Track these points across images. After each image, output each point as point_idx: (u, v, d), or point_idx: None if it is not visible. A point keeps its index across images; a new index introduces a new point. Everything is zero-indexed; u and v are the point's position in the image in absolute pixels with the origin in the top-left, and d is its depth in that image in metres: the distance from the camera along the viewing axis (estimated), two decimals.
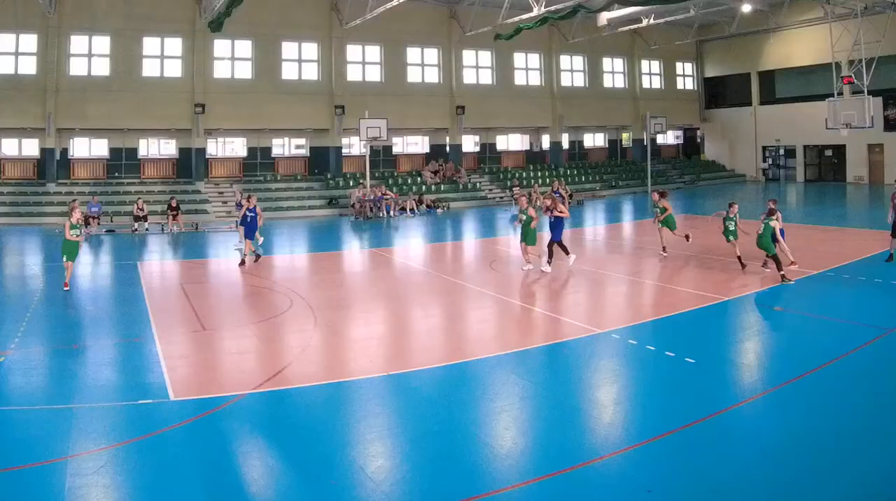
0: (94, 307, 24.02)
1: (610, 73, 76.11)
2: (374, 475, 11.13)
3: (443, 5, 65.33)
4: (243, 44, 58.92)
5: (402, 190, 60.79)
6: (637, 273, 28.25)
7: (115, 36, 54.65)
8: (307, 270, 32.53)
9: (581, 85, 73.91)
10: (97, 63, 54.93)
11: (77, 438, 12.44)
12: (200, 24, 55.34)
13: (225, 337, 19.84)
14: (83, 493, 10.49)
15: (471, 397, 14.69)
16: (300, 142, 64.78)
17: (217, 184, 59.07)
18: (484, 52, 67.97)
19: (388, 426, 13.31)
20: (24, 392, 15.18)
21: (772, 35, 72.22)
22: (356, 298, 25.12)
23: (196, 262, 34.31)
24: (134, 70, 55.55)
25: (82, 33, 54.13)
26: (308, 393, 15.05)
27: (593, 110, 73.36)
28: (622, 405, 14.40)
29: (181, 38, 56.76)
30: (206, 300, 25.24)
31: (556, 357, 17.74)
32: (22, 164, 55.76)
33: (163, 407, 13.97)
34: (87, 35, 54.32)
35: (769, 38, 72.89)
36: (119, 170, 58.20)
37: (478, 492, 10.47)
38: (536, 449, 12.31)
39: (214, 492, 10.72)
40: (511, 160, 72.87)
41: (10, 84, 51.81)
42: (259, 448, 12.54)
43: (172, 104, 55.91)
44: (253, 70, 59.35)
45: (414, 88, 65.19)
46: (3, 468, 11.20)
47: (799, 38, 70.67)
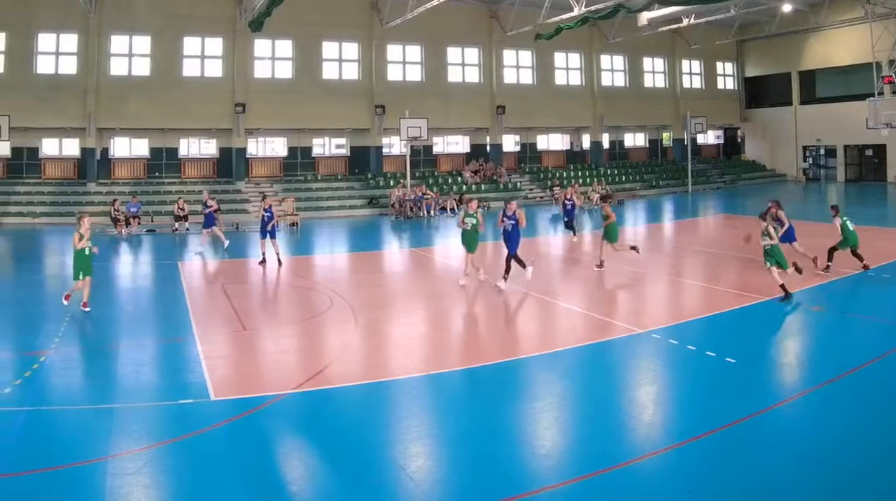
0: (135, 307, 23.53)
1: (650, 72, 72.93)
2: (414, 474, 10.92)
3: (483, 5, 62.64)
4: (284, 43, 56.89)
5: (442, 189, 58.50)
6: (677, 272, 27.51)
7: (155, 36, 52.96)
8: (347, 270, 31.56)
9: (622, 84, 70.96)
10: (138, 63, 53.22)
11: (117, 438, 12.17)
12: (241, 23, 53.18)
13: (265, 336, 19.39)
14: (124, 493, 10.25)
15: (511, 397, 14.28)
16: (340, 141, 62.22)
17: (258, 183, 56.49)
18: (524, 52, 65.17)
19: (428, 426, 13.06)
20: (65, 391, 14.97)
21: (812, 35, 69.19)
22: (396, 298, 24.42)
23: (236, 262, 32.99)
24: (174, 70, 53.87)
25: (123, 33, 52.43)
26: (348, 392, 14.75)
27: (634, 110, 70.11)
28: (662, 405, 14.13)
29: (221, 38, 54.98)
30: (247, 300, 24.65)
31: (596, 356, 17.26)
32: (62, 164, 53.79)
33: (203, 406, 13.70)
34: (128, 35, 52.60)
35: (809, 37, 69.78)
36: (159, 170, 56.10)
37: (517, 492, 10.19)
38: (576, 449, 12.06)
39: (255, 492, 10.41)
40: (551, 160, 69.77)
41: (50, 84, 50.23)
42: (299, 448, 12.32)
43: (213, 104, 53.99)
44: (293, 70, 57.33)
45: (454, 88, 62.60)
46: (44, 468, 10.94)
47: (839, 37, 67.20)
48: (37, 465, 11.11)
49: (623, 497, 10.16)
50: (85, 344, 18.67)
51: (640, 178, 68.19)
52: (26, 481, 10.67)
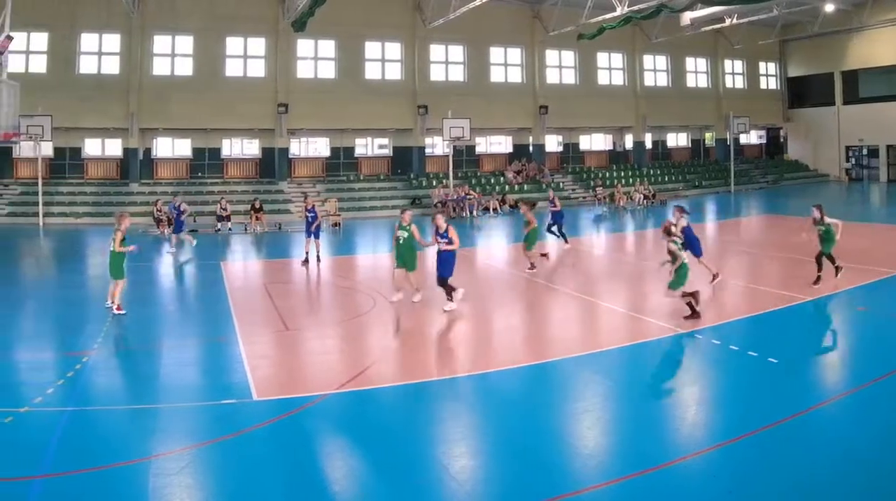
0: (177, 307, 23.35)
1: (693, 72, 70.24)
2: (457, 475, 10.60)
3: (526, 5, 60.46)
4: (326, 43, 55.24)
5: (485, 189, 56.75)
6: (720, 272, 25.03)
7: (198, 36, 51.76)
8: (390, 270, 28.01)
9: (664, 84, 68.26)
10: (180, 63, 52.01)
11: (160, 438, 11.86)
12: (283, 23, 51.76)
13: (308, 336, 18.81)
14: (166, 493, 9.94)
15: (553, 397, 13.88)
16: (383, 141, 60.36)
17: (300, 184, 55.03)
18: (567, 52, 62.66)
19: (471, 426, 12.76)
20: (107, 392, 14.58)
21: (855, 34, 66.50)
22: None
23: (279, 262, 32.29)
24: (217, 70, 52.53)
25: (165, 33, 51.21)
26: (391, 393, 14.35)
27: (676, 110, 67.52)
28: (704, 405, 13.66)
29: (264, 38, 53.48)
30: (289, 300, 23.78)
31: (639, 357, 16.65)
32: (105, 164, 52.70)
33: (246, 407, 13.30)
34: (171, 35, 51.38)
35: (852, 37, 67.07)
36: (202, 170, 54.74)
37: (560, 492, 9.86)
38: (619, 450, 11.63)
39: (297, 493, 10.09)
40: (594, 160, 67.45)
41: (93, 84, 49.14)
42: (342, 448, 11.98)
43: (255, 104, 52.51)
44: (336, 70, 55.64)
45: (497, 88, 60.35)
46: (87, 468, 10.58)
47: (882, 37, 64.60)
48: (80, 465, 10.72)
49: (665, 498, 9.84)
50: (127, 344, 18.23)
51: (682, 178, 65.85)
52: (70, 481, 10.28)
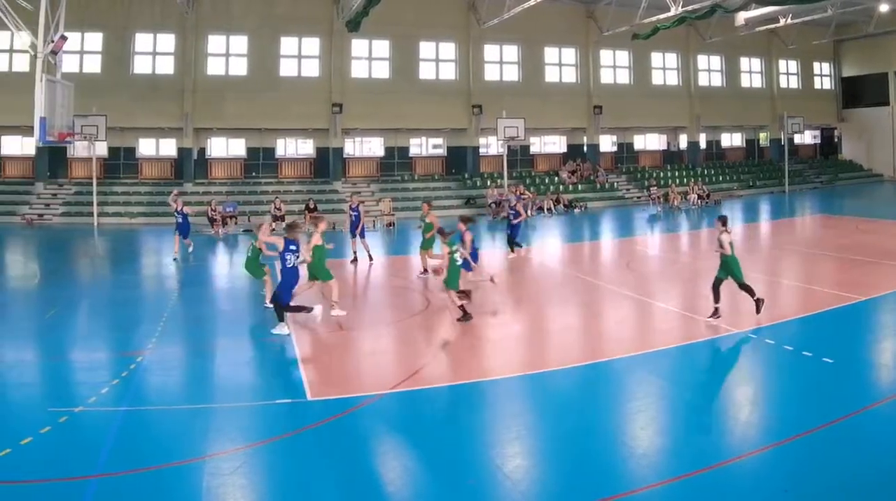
0: (232, 307, 22.44)
1: (747, 72, 66.56)
2: (511, 474, 10.23)
3: (580, 5, 57.12)
4: (381, 43, 52.59)
5: (539, 189, 53.81)
6: (774, 272, 25.67)
7: (252, 36, 49.62)
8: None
9: (718, 84, 64.65)
10: (234, 63, 49.84)
11: (214, 438, 11.65)
12: (338, 23, 49.58)
13: (362, 336, 18.23)
14: (221, 493, 9.74)
15: (608, 397, 13.61)
16: (437, 141, 57.49)
17: (354, 183, 52.41)
18: (621, 52, 59.37)
19: (525, 426, 12.24)
20: (161, 391, 14.14)
21: None
22: (492, 298, 22.00)
23: (333, 262, 28.32)
24: (271, 70, 50.28)
25: (220, 33, 49.26)
26: (445, 392, 13.95)
27: (730, 110, 63.63)
28: (758, 405, 13.22)
29: (319, 38, 51.12)
30: (344, 300, 21.81)
31: (693, 356, 16.23)
32: (159, 164, 50.69)
33: (300, 406, 12.98)
34: (225, 35, 49.35)
35: None
36: (256, 170, 52.44)
37: (615, 492, 9.56)
38: (673, 449, 11.19)
39: (351, 493, 9.80)
40: (648, 160, 64.16)
41: (147, 84, 47.41)
42: (396, 448, 11.63)
43: (310, 104, 50.28)
44: (390, 70, 52.95)
45: (551, 88, 57.15)
46: (141, 468, 10.31)
47: None
48: (134, 465, 10.41)
49: (720, 497, 9.55)
50: (182, 344, 17.50)
51: (737, 178, 62.49)
52: (124, 481, 10.00)
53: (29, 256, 33.64)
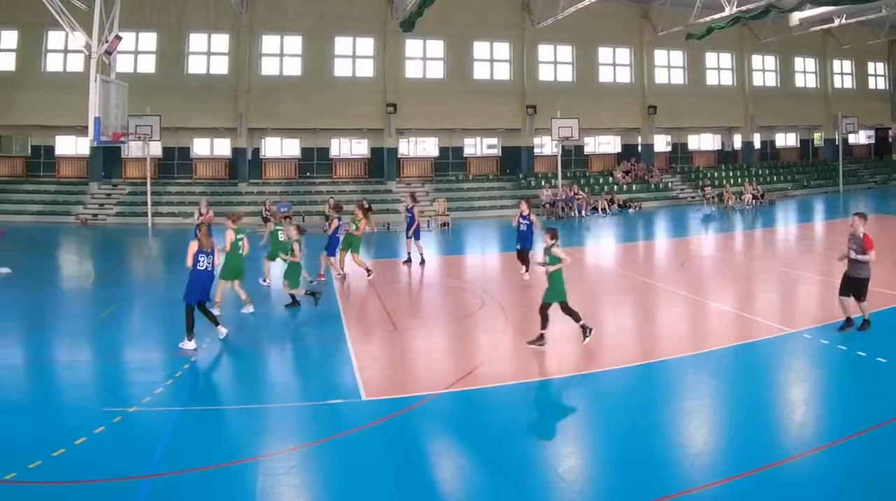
0: (286, 306, 20.50)
1: (801, 72, 63.14)
2: (565, 474, 9.78)
3: (634, 5, 54.06)
4: (435, 43, 50.24)
5: (593, 189, 51.06)
6: (828, 272, 23.75)
7: (306, 36, 47.67)
8: (499, 270, 28.33)
9: (773, 84, 61.45)
10: (289, 63, 48.08)
11: (268, 438, 11.16)
12: (392, 23, 47.29)
13: (416, 336, 17.39)
14: (275, 493, 9.37)
15: (662, 397, 12.88)
16: (492, 141, 54.75)
17: (409, 183, 49.87)
18: (675, 52, 56.31)
19: (580, 426, 11.87)
20: (215, 391, 14.00)
21: None
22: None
23: (387, 262, 29.37)
24: (326, 70, 48.21)
25: (274, 33, 47.39)
26: (499, 393, 13.24)
27: (785, 110, 60.05)
28: (813, 405, 12.59)
29: (373, 38, 48.92)
30: (398, 300, 22.23)
31: (747, 356, 15.23)
32: (214, 164, 48.78)
33: (354, 406, 12.38)
34: (279, 35, 47.59)
35: None
36: (310, 170, 50.21)
37: (668, 492, 9.10)
38: (728, 449, 10.63)
39: (406, 493, 9.38)
40: (702, 160, 60.92)
41: (202, 84, 45.74)
42: (450, 448, 10.98)
43: (364, 104, 48.03)
44: (444, 70, 50.61)
45: (605, 88, 54.21)
46: (195, 467, 9.91)
47: None
48: (188, 465, 9.97)
49: (774, 497, 9.07)
50: (235, 344, 16.58)
51: (791, 178, 59.27)
52: (177, 481, 9.59)
53: (83, 256, 32.39)
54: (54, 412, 12.33)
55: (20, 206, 42.85)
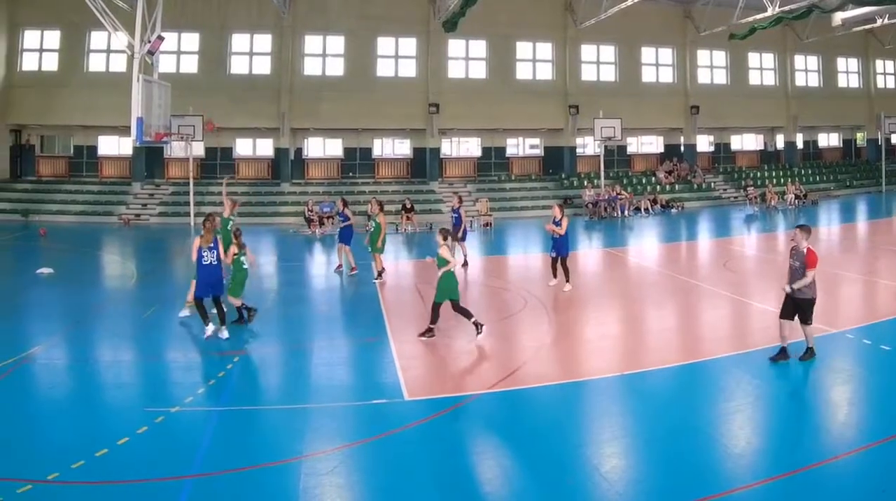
0: (329, 307, 20.74)
1: (844, 72, 60.31)
2: (608, 475, 9.45)
3: (677, 5, 51.60)
4: (477, 43, 48.16)
5: (636, 189, 48.82)
6: (871, 272, 23.95)
7: (349, 36, 45.97)
8: (541, 270, 26.10)
9: (815, 85, 58.84)
10: (331, 63, 46.47)
11: (311, 438, 10.72)
12: (435, 23, 45.34)
13: (459, 336, 16.27)
14: (317, 493, 9.00)
15: (704, 397, 12.39)
16: (534, 141, 52.40)
17: (451, 183, 48.00)
18: (718, 52, 53.85)
19: (623, 426, 11.16)
20: (258, 391, 13.28)
21: None
22: (590, 298, 20.90)
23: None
24: (368, 70, 46.46)
25: (316, 33, 45.83)
26: (542, 393, 12.69)
27: (827, 110, 57.88)
28: (856, 405, 11.97)
29: (415, 38, 47.12)
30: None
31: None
32: (256, 164, 47.16)
33: (397, 407, 11.95)
34: (322, 35, 46.04)
35: None
36: (353, 170, 48.49)
37: (712, 492, 8.84)
38: (770, 449, 10.19)
39: (448, 493, 9.12)
40: (745, 160, 58.16)
41: (244, 84, 44.35)
42: (493, 448, 10.58)
43: (406, 104, 46.40)
44: (487, 70, 48.59)
45: (648, 88, 51.83)
46: (238, 467, 9.60)
47: None
48: (230, 465, 9.60)
49: (817, 497, 8.80)
50: (278, 344, 16.06)
51: (833, 178, 56.62)
52: (220, 481, 9.24)
53: (126, 256, 31.49)
54: (97, 412, 11.91)
55: (63, 206, 41.36)
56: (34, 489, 8.90)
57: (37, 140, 45.50)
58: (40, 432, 10.92)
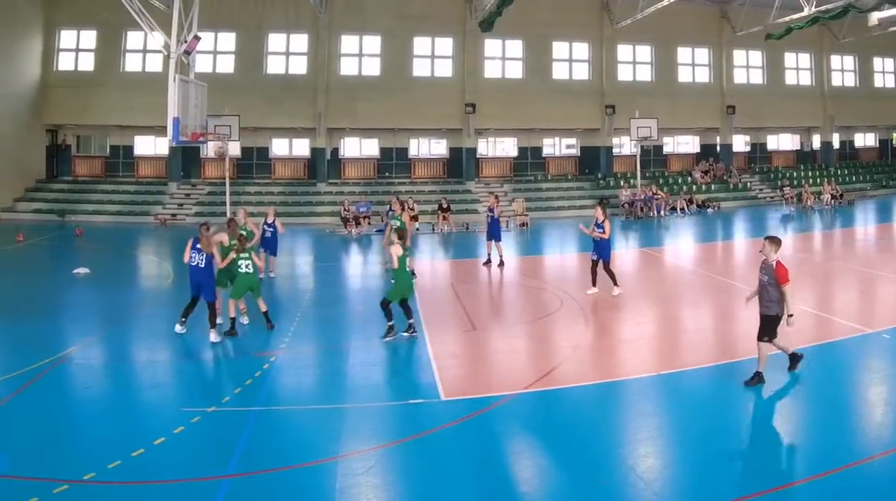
0: (365, 307, 19.49)
1: (881, 72, 57.82)
2: (644, 474, 9.14)
3: (713, 5, 49.57)
4: (514, 43, 46.47)
5: (672, 189, 47.04)
6: None
7: (385, 36, 44.47)
8: (577, 270, 25.77)
9: (851, 85, 56.49)
10: (367, 63, 44.90)
11: (347, 438, 10.38)
12: (471, 23, 43.55)
13: (495, 336, 16.31)
14: (353, 493, 8.79)
15: (741, 396, 11.80)
16: (570, 141, 50.47)
17: (487, 183, 46.41)
18: (754, 52, 51.82)
19: (659, 425, 10.80)
20: (294, 392, 12.80)
21: None
22: (627, 297, 19.75)
23: (466, 262, 28.18)
24: (404, 70, 44.98)
25: (353, 33, 44.42)
26: (578, 393, 12.33)
27: (864, 110, 55.26)
28: (893, 405, 11.43)
29: (451, 38, 45.48)
30: (476, 299, 20.95)
31: (826, 356, 13.95)
32: (293, 164, 45.73)
33: (433, 406, 11.62)
34: (358, 35, 44.59)
35: None
36: (389, 170, 46.99)
37: (749, 492, 8.56)
38: (808, 449, 10.01)
39: (485, 493, 8.86)
40: (781, 160, 56.02)
41: (281, 84, 43.02)
42: (529, 448, 10.29)
43: (443, 104, 44.78)
44: (523, 70, 46.88)
45: (684, 88, 49.96)
46: (274, 467, 9.38)
47: None
48: (266, 465, 9.35)
49: (855, 496, 8.43)
50: (315, 344, 15.62)
51: (870, 178, 54.48)
52: (256, 481, 9.02)
53: (162, 256, 30.61)
54: (133, 412, 11.64)
55: (99, 206, 40.07)
56: (70, 489, 8.59)
57: (73, 140, 44.12)
58: (77, 432, 10.60)
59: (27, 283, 22.74)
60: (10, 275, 23.76)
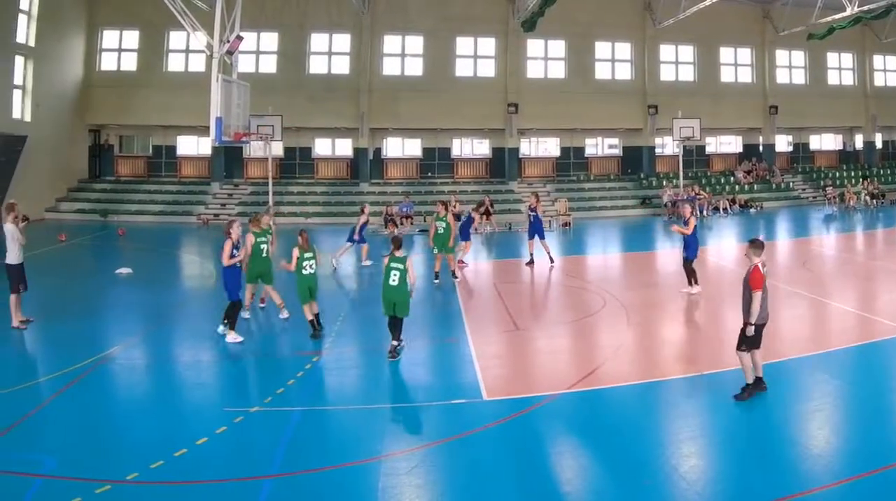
0: None
1: None
2: (686, 474, 8.80)
3: (756, 5, 47.32)
4: (556, 43, 44.59)
5: (714, 189, 45.07)
6: None
7: (428, 36, 42.86)
8: (620, 270, 26.23)
9: (894, 85, 53.59)
10: (410, 63, 43.29)
11: (390, 438, 10.08)
12: (513, 23, 42.00)
13: (537, 336, 15.58)
14: (396, 493, 8.46)
15: (783, 397, 11.20)
16: (613, 141, 48.60)
17: (530, 183, 44.46)
18: (797, 52, 49.38)
19: (701, 426, 10.38)
20: (337, 391, 12.43)
21: None
22: (669, 298, 19.34)
23: (509, 262, 27.37)
24: (447, 70, 43.29)
25: (395, 33, 42.78)
26: (621, 393, 11.83)
27: None
28: None
29: (494, 38, 43.66)
30: (519, 299, 20.29)
31: (869, 357, 13.35)
32: (335, 164, 44.24)
33: (476, 406, 11.18)
34: (401, 35, 42.85)
35: None
36: (432, 170, 45.32)
37: (790, 492, 8.17)
38: (849, 449, 9.43)
39: (527, 492, 8.52)
40: (824, 160, 53.77)
41: (323, 84, 41.54)
42: (571, 448, 9.95)
43: (485, 104, 43.08)
44: (566, 70, 44.94)
45: (726, 88, 47.74)
46: (317, 467, 9.12)
47: None
48: (309, 465, 9.12)
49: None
50: (358, 344, 15.03)
51: None
52: (299, 481, 8.79)
53: (205, 256, 29.55)
54: (176, 412, 11.20)
55: (141, 206, 38.59)
56: (113, 489, 8.34)
57: (115, 140, 42.63)
58: (119, 432, 10.31)
59: (69, 283, 22.07)
60: (52, 275, 22.83)
